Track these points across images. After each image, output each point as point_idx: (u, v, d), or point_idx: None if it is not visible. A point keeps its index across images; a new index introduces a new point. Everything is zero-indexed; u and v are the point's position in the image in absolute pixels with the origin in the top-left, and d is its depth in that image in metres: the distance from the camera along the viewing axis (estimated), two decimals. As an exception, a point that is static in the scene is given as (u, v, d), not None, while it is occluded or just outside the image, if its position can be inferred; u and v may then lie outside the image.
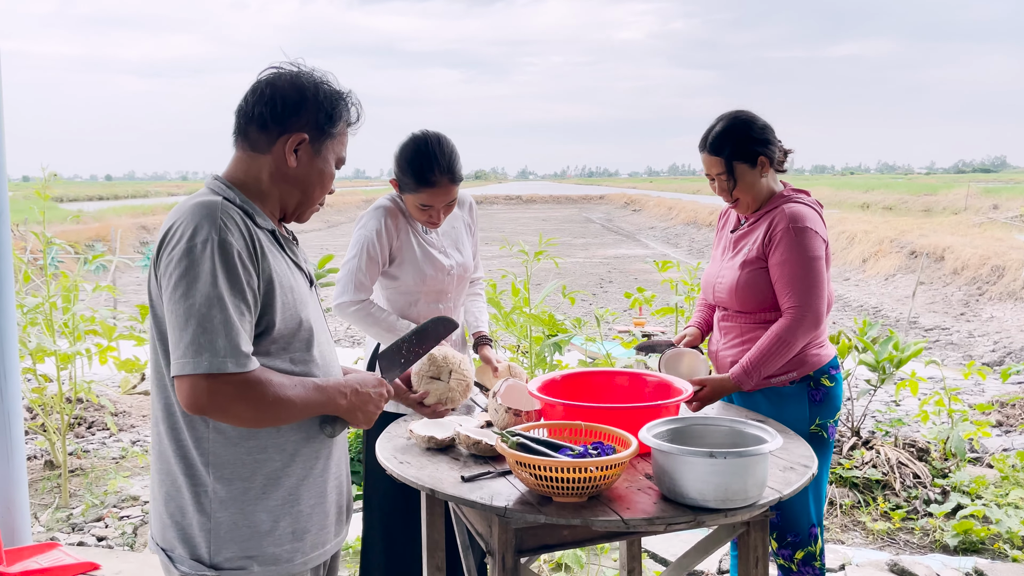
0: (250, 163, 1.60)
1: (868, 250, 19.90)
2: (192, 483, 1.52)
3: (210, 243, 1.42)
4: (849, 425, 4.60)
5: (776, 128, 2.60)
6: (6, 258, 3.47)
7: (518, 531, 1.84)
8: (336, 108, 1.61)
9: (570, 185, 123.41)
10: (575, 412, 2.10)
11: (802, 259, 2.44)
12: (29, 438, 5.44)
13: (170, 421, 1.53)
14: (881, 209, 37.28)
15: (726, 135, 2.53)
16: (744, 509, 1.79)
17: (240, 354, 1.42)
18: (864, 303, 15.05)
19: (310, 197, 1.65)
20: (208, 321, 1.39)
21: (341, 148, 1.66)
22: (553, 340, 3.89)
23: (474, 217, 2.86)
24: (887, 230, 21.21)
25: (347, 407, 1.60)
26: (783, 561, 2.59)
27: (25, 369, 4.79)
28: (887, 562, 3.48)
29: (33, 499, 4.40)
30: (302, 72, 1.61)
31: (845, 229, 22.15)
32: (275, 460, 1.55)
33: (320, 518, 1.64)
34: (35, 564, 3.38)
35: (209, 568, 1.52)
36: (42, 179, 4.22)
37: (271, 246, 1.56)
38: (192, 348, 1.39)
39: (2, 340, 3.46)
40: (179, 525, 1.54)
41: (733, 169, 2.53)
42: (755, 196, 2.56)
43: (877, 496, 4.09)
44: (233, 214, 1.49)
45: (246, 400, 1.43)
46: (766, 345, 2.44)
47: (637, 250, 24.17)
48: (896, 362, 4.41)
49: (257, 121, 1.57)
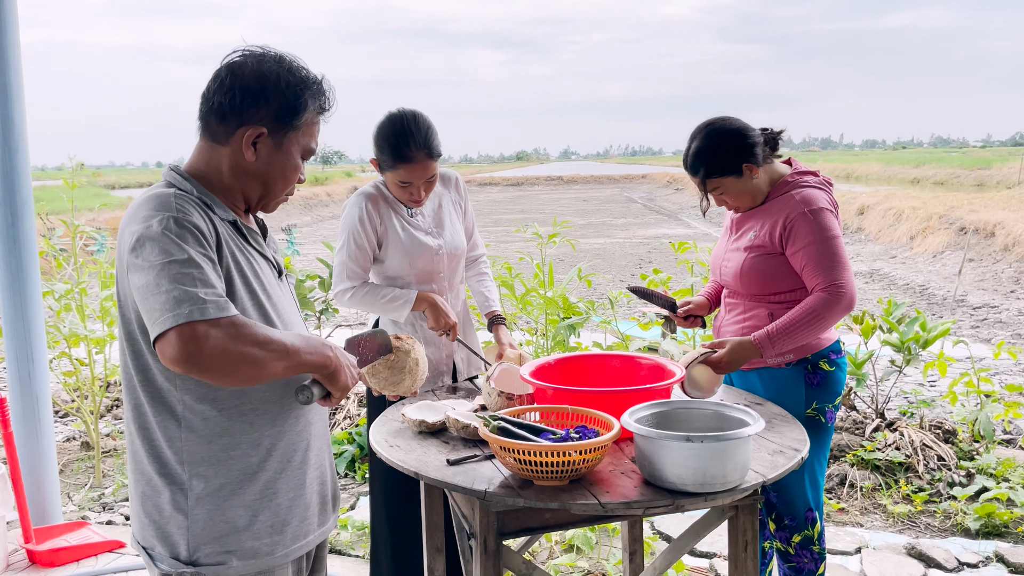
0: (211, 153, 1.56)
1: (916, 227, 19.40)
2: (167, 482, 1.51)
3: (166, 219, 1.40)
4: (873, 407, 4.52)
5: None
6: (31, 247, 3.58)
7: (499, 514, 1.85)
8: (300, 98, 1.54)
9: (612, 164, 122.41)
10: (564, 396, 2.10)
11: (824, 239, 2.39)
12: (68, 420, 5.63)
13: (141, 421, 1.52)
14: (932, 184, 36.27)
15: (700, 156, 2.48)
16: (724, 493, 1.78)
17: (220, 299, 1.37)
18: (911, 281, 14.70)
19: (271, 191, 1.61)
20: (181, 277, 1.35)
21: (308, 139, 1.60)
22: (568, 322, 3.88)
23: (462, 194, 2.85)
24: (936, 206, 20.64)
25: (334, 359, 1.54)
26: (781, 545, 2.57)
27: (60, 354, 4.95)
28: (905, 545, 3.43)
29: (68, 479, 4.56)
30: (266, 59, 1.54)
31: (892, 206, 21.62)
32: (250, 456, 1.54)
33: (301, 510, 1.62)
34: (64, 542, 3.51)
35: (188, 565, 1.51)
36: (70, 168, 4.33)
37: (233, 238, 1.55)
38: (170, 303, 1.34)
39: (29, 326, 3.58)
40: (157, 524, 1.53)
41: (720, 184, 2.49)
42: (753, 196, 2.52)
43: (899, 478, 4.02)
44: (189, 204, 1.47)
45: (234, 342, 1.35)
46: (798, 315, 2.37)
47: (679, 230, 23.88)
48: (922, 342, 4.32)
49: (216, 111, 1.53)
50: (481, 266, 2.97)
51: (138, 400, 1.52)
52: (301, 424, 1.63)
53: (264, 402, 1.55)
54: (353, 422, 4.92)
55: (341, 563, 3.47)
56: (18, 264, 3.53)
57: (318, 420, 1.70)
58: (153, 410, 1.51)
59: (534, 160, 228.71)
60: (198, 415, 1.50)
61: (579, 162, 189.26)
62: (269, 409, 1.56)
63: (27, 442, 3.60)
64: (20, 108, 3.49)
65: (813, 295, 2.39)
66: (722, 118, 2.52)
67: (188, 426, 1.50)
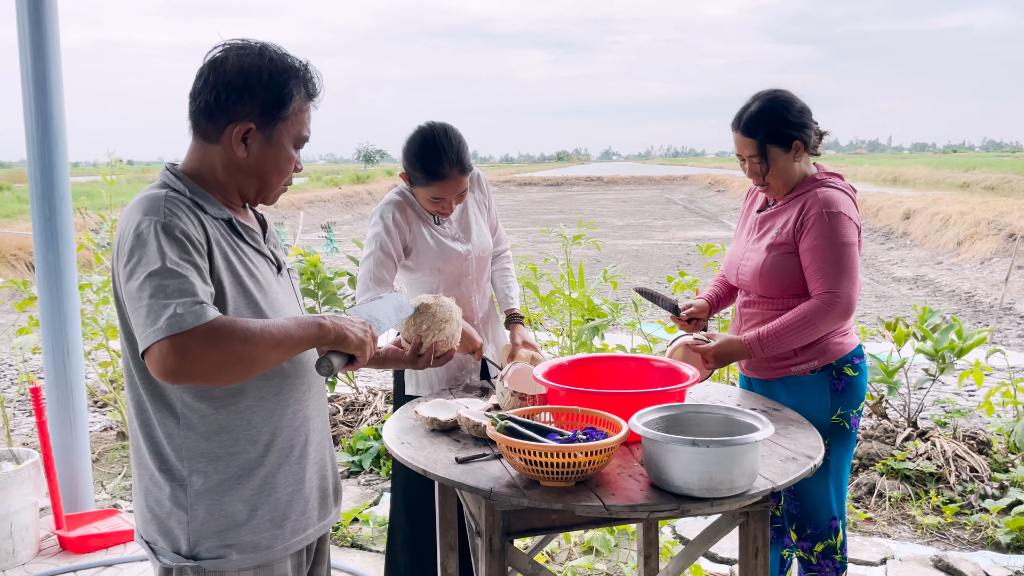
0: (204, 152, 1.57)
1: (963, 232, 18.94)
2: (167, 478, 1.53)
3: (153, 225, 1.42)
4: (905, 415, 4.43)
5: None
6: (68, 240, 3.68)
7: (505, 514, 1.86)
8: (284, 89, 1.53)
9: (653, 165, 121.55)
10: (575, 398, 2.10)
11: (835, 244, 2.36)
12: (107, 410, 5.77)
13: (143, 418, 1.55)
14: (981, 189, 35.36)
15: (761, 116, 2.44)
16: (732, 499, 1.77)
17: (197, 307, 1.37)
18: (956, 288, 14.36)
19: (268, 184, 1.61)
20: (161, 290, 1.37)
21: (299, 128, 1.59)
22: (591, 324, 3.87)
23: (485, 191, 2.86)
24: (985, 211, 20.12)
25: (332, 328, 1.53)
26: (803, 554, 2.53)
27: (98, 345, 5.08)
28: (932, 557, 3.36)
29: (104, 468, 4.67)
30: (248, 52, 1.53)
31: (939, 210, 21.14)
32: (248, 452, 1.55)
33: (300, 504, 1.64)
34: (94, 529, 3.60)
35: (189, 559, 1.53)
36: (108, 164, 4.44)
37: (225, 237, 1.55)
38: (151, 317, 1.36)
39: (65, 318, 3.68)
40: (158, 519, 1.55)
41: (767, 152, 2.44)
42: (787, 180, 2.49)
43: (930, 489, 3.93)
44: (180, 205, 1.48)
45: (216, 346, 1.36)
46: (789, 320, 2.37)
47: (719, 232, 23.64)
48: (957, 351, 4.22)
49: (204, 111, 1.53)
50: (504, 261, 2.98)
51: (139, 396, 1.54)
52: (299, 419, 1.64)
53: (261, 398, 1.57)
54: (380, 418, 4.96)
55: (362, 557, 3.51)
56: (55, 257, 3.63)
57: (317, 415, 1.71)
58: (153, 406, 1.53)
59: (575, 160, 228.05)
60: (196, 412, 1.52)
61: (620, 163, 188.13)
62: (266, 405, 1.58)
63: (61, 430, 3.70)
64: (59, 104, 3.58)
65: (809, 300, 2.38)
66: (783, 89, 2.49)
67: (186, 423, 1.52)
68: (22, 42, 3.52)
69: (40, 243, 3.63)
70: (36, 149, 3.56)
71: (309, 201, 31.60)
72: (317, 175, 50.36)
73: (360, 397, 5.31)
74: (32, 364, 7.50)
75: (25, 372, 4.96)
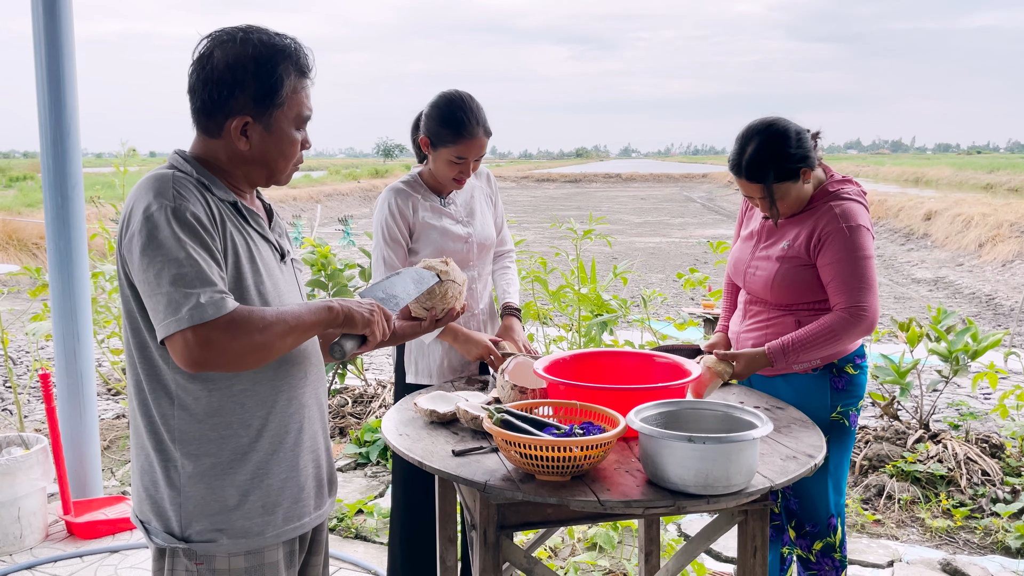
0: (207, 145, 1.58)
1: (985, 234, 18.71)
2: (162, 458, 1.54)
3: (164, 210, 1.43)
4: (916, 417, 4.38)
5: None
6: (79, 228, 3.70)
7: (500, 507, 1.85)
8: (275, 75, 1.53)
9: (673, 163, 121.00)
10: (575, 392, 2.08)
11: (856, 258, 2.32)
12: (119, 398, 5.82)
13: (140, 397, 1.56)
14: (1005, 191, 34.92)
15: (762, 159, 2.34)
16: (728, 497, 1.75)
17: (218, 298, 1.41)
18: (977, 290, 14.20)
19: (276, 169, 1.62)
20: (180, 278, 1.40)
21: (298, 109, 1.59)
22: (599, 319, 3.85)
23: (493, 188, 2.90)
24: (1007, 213, 19.87)
25: (338, 309, 1.58)
26: (802, 552, 2.51)
27: (111, 333, 5.12)
28: (940, 561, 3.32)
29: (114, 455, 4.71)
30: (232, 42, 1.52)
31: (961, 212, 20.90)
32: (241, 436, 1.56)
33: (293, 492, 1.64)
34: (101, 515, 3.63)
35: (180, 540, 1.55)
36: (122, 155, 4.47)
37: (231, 218, 1.56)
38: (171, 307, 1.39)
39: (76, 306, 3.71)
40: (153, 499, 1.57)
41: (775, 191, 2.37)
42: (800, 201, 2.43)
43: (940, 492, 3.88)
44: (188, 184, 1.49)
45: (238, 336, 1.41)
46: (815, 331, 2.33)
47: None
48: (971, 353, 4.16)
49: (201, 109, 1.55)
50: (506, 260, 2.98)
51: (138, 376, 1.55)
52: (294, 406, 1.64)
53: (255, 383, 1.57)
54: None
55: (365, 549, 3.51)
56: (67, 245, 3.66)
57: (313, 404, 1.70)
58: (150, 387, 1.54)
59: (594, 157, 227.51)
60: (190, 394, 1.53)
61: (639, 160, 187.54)
62: (260, 390, 1.58)
63: (70, 417, 3.74)
64: (72, 94, 3.61)
65: (833, 313, 2.34)
66: (774, 119, 2.39)
67: (181, 404, 1.53)
68: (36, 32, 3.55)
69: (52, 231, 3.66)
70: (49, 138, 3.58)
71: (327, 194, 31.72)
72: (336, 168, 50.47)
73: (369, 389, 5.32)
74: (47, 351, 7.58)
75: (39, 358, 5.01)
